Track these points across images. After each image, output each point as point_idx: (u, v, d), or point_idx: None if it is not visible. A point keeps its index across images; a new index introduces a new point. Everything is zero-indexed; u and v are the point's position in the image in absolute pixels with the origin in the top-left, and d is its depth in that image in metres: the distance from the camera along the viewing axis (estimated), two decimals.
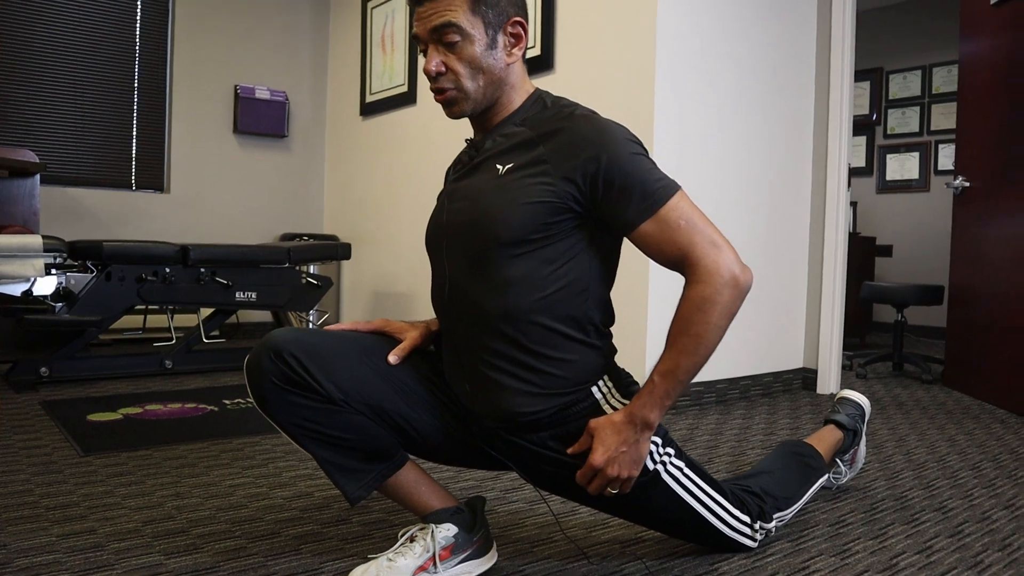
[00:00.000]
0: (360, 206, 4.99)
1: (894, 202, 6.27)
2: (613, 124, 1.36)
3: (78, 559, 1.51)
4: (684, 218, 1.31)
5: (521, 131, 1.40)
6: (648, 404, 1.32)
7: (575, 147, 1.32)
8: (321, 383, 1.35)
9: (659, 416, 1.33)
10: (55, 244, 3.30)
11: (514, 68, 1.43)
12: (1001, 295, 3.33)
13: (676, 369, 1.31)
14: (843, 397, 2.11)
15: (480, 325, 1.38)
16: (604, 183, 1.31)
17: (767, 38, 3.38)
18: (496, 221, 1.34)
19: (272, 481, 2.06)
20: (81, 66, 4.58)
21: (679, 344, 1.31)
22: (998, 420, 3.02)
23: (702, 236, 1.31)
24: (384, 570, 1.38)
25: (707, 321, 1.29)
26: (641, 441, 1.34)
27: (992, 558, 1.63)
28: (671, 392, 1.32)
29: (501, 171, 1.38)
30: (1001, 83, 3.40)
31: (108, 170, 4.71)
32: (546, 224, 1.33)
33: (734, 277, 1.29)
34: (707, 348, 1.31)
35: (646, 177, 1.32)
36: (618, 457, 1.33)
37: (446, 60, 1.37)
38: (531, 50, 3.48)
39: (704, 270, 1.29)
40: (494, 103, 1.43)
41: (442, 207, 1.49)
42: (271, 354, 1.34)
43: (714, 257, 1.29)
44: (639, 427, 1.33)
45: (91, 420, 2.67)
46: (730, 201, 3.27)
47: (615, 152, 1.32)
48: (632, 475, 1.35)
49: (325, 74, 5.44)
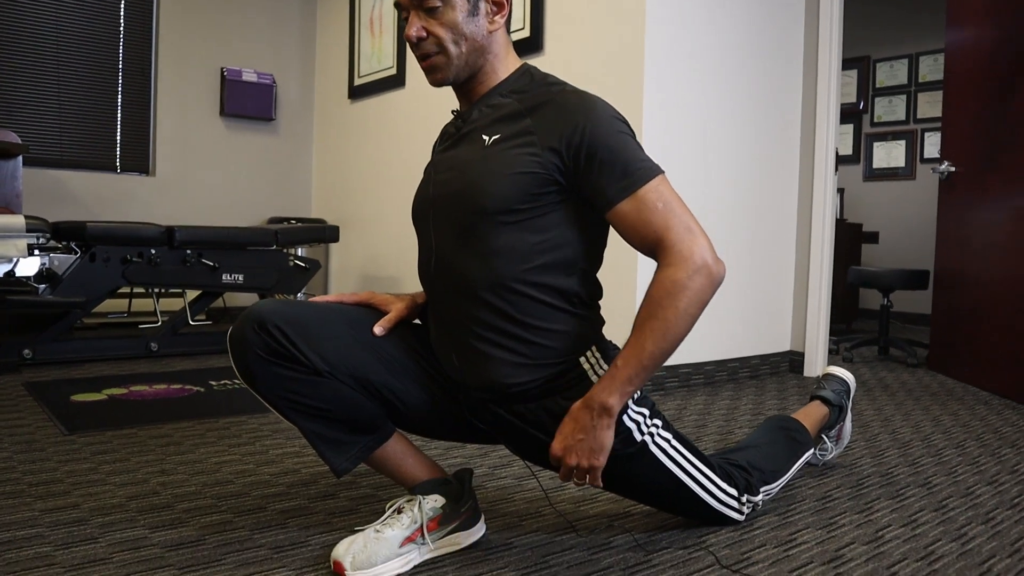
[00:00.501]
0: (348, 190, 4.96)
1: (880, 190, 6.29)
2: (601, 101, 1.36)
3: (61, 533, 1.49)
4: (663, 201, 1.30)
5: (508, 102, 1.40)
6: (608, 388, 1.28)
7: (561, 118, 1.32)
8: (306, 354, 1.34)
9: (620, 401, 1.29)
10: (38, 224, 3.27)
11: (497, 36, 1.41)
12: (986, 279, 3.36)
13: (641, 353, 1.27)
14: (828, 373, 2.12)
15: (466, 296, 1.38)
16: (587, 155, 1.30)
17: (756, 25, 3.38)
18: (482, 192, 1.33)
19: (259, 458, 2.05)
20: (64, 47, 4.52)
21: (647, 328, 1.28)
22: (982, 402, 3.05)
23: (678, 221, 1.30)
24: (372, 541, 1.37)
25: (677, 306, 1.26)
26: (599, 428, 1.29)
27: (975, 531, 1.64)
28: (634, 378, 1.28)
29: (487, 142, 1.37)
30: (986, 70, 3.41)
31: (92, 152, 4.67)
32: (532, 195, 1.33)
33: (707, 265, 1.28)
34: (675, 335, 1.28)
35: (629, 156, 1.32)
36: (575, 445, 1.30)
37: (427, 26, 1.36)
38: (520, 31, 3.47)
39: (678, 254, 1.28)
40: (477, 71, 1.42)
41: (428, 178, 1.48)
42: (255, 325, 1.33)
43: (689, 242, 1.28)
44: (596, 412, 1.29)
45: (75, 400, 2.65)
46: (718, 186, 3.27)
47: (600, 126, 1.31)
48: (594, 464, 1.30)
49: (313, 57, 5.40)
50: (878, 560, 1.47)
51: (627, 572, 1.41)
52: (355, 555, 1.34)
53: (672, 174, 3.17)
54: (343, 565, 1.33)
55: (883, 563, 1.46)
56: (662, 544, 1.53)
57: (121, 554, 1.40)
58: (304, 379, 1.35)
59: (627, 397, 1.29)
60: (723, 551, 1.50)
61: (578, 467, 1.30)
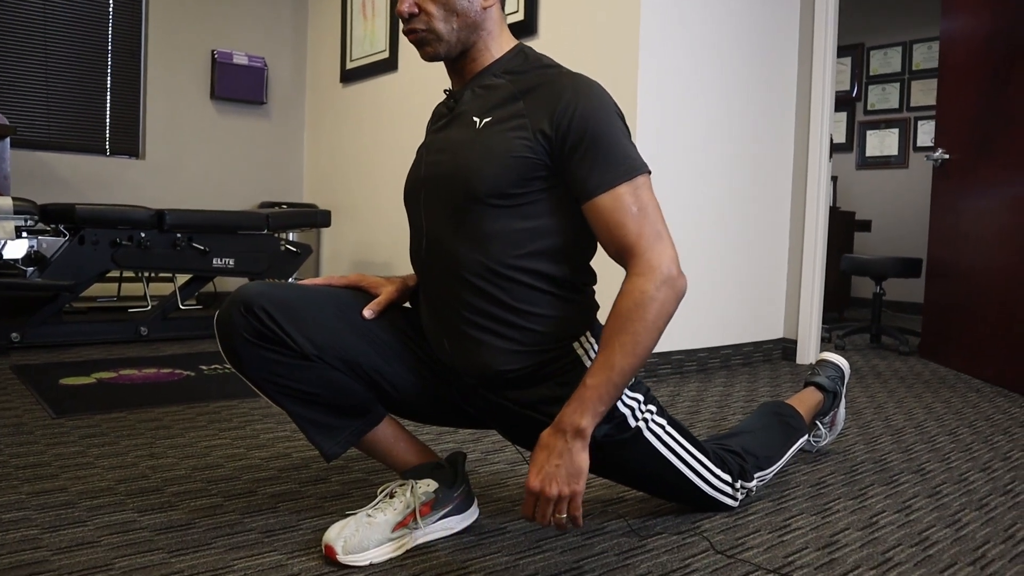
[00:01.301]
0: (340, 174, 4.93)
1: (874, 178, 6.29)
2: (598, 87, 1.33)
3: (49, 515, 1.47)
4: (639, 204, 1.27)
5: (501, 83, 1.37)
6: (579, 410, 1.22)
7: (552, 101, 1.29)
8: (293, 337, 1.32)
9: (593, 422, 1.23)
10: (26, 206, 3.23)
11: (491, 13, 1.38)
12: (978, 267, 3.36)
13: (611, 370, 1.22)
14: (823, 359, 2.11)
15: (458, 280, 1.36)
16: (573, 141, 1.27)
17: (751, 11, 3.35)
18: (473, 174, 1.31)
19: (250, 443, 2.03)
20: (53, 27, 4.46)
21: (616, 343, 1.23)
22: (974, 389, 3.05)
23: (651, 228, 1.27)
24: (364, 526, 1.36)
25: (645, 319, 1.23)
26: (574, 451, 1.21)
27: (969, 517, 1.64)
28: (604, 396, 1.23)
29: (479, 124, 1.34)
30: (981, 57, 3.40)
31: (81, 135, 4.61)
32: (523, 179, 1.30)
33: (672, 277, 1.25)
34: (644, 348, 1.24)
35: (615, 148, 1.28)
36: (553, 473, 1.21)
37: (419, 1, 1.33)
38: (515, 14, 3.43)
39: (646, 263, 1.25)
40: (470, 48, 1.39)
41: (420, 159, 1.46)
42: (241, 308, 1.31)
43: (658, 251, 1.25)
44: (570, 435, 1.22)
45: (63, 384, 2.62)
46: (713, 173, 3.26)
47: (591, 112, 1.28)
48: (575, 490, 1.21)
49: (305, 40, 5.34)
50: (873, 546, 1.47)
51: (621, 557, 1.40)
52: (347, 539, 1.32)
53: (666, 160, 3.17)
54: (335, 549, 1.31)
55: (878, 548, 1.46)
56: (656, 529, 1.52)
57: (109, 537, 1.39)
58: (292, 363, 1.33)
59: (599, 417, 1.24)
60: (717, 536, 1.50)
61: (559, 496, 1.21)
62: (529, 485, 1.22)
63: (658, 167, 3.04)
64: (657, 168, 3.02)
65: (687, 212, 3.17)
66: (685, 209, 3.16)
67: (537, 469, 1.22)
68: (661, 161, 3.04)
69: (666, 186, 3.08)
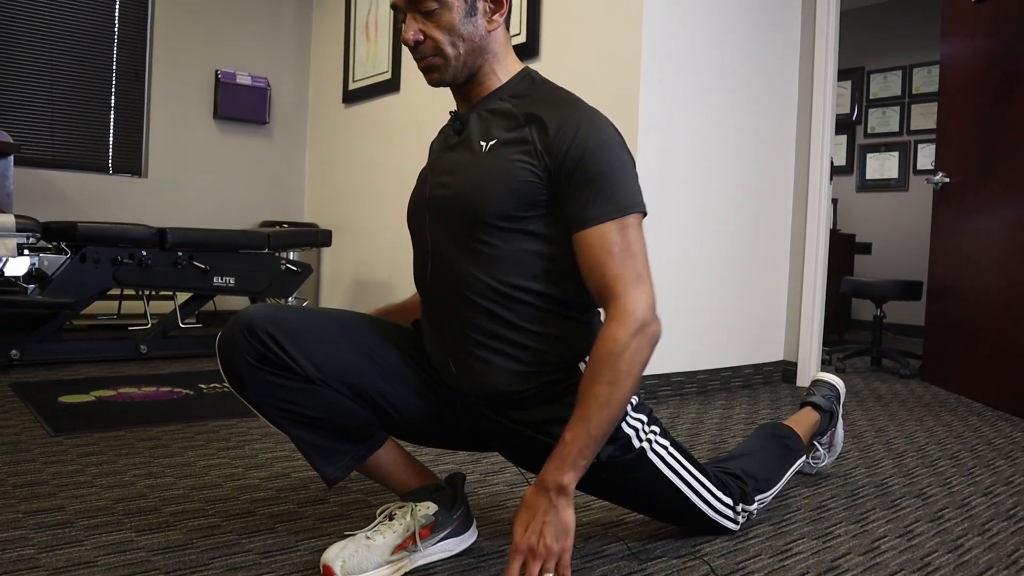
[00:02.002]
0: (342, 194, 4.94)
1: (874, 201, 6.31)
2: (600, 116, 1.32)
3: (46, 535, 1.46)
4: (624, 244, 1.25)
5: (507, 107, 1.37)
6: (560, 467, 1.21)
7: (555, 125, 1.29)
8: (298, 361, 1.31)
9: (575, 478, 1.22)
10: (28, 224, 3.24)
11: (496, 36, 1.39)
12: (979, 290, 3.36)
13: (588, 424, 1.21)
14: (818, 379, 2.11)
15: (464, 301, 1.36)
16: (569, 165, 1.26)
17: (752, 33, 3.38)
18: (479, 197, 1.31)
19: (248, 462, 2.02)
20: (58, 46, 4.50)
21: (591, 397, 1.22)
22: (975, 413, 3.04)
23: (632, 270, 1.25)
24: (363, 547, 1.35)
25: (619, 369, 1.22)
26: (560, 508, 1.21)
27: (972, 542, 1.63)
28: (585, 451, 1.22)
29: (485, 148, 1.35)
30: (980, 81, 3.42)
31: (84, 153, 4.63)
32: (527, 203, 1.31)
33: (647, 323, 1.24)
34: (620, 397, 1.23)
35: (610, 182, 1.27)
36: (541, 531, 1.20)
37: (424, 28, 1.34)
38: (517, 36, 3.46)
39: (622, 308, 1.24)
40: (477, 72, 1.39)
41: (425, 181, 1.47)
42: (245, 332, 1.30)
43: (635, 296, 1.24)
44: (553, 493, 1.21)
45: (62, 402, 2.62)
46: (714, 195, 3.27)
47: (592, 139, 1.27)
48: (565, 547, 1.21)
49: (308, 60, 5.38)
50: (875, 571, 1.46)
51: None
52: (345, 560, 1.32)
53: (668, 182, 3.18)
54: (333, 570, 1.30)
55: (880, 574, 1.44)
56: (656, 553, 1.51)
57: (106, 557, 1.38)
58: (296, 387, 1.32)
59: (581, 472, 1.22)
60: (718, 560, 1.48)
61: (548, 554, 1.19)
62: (516, 545, 1.20)
63: (660, 189, 3.05)
64: (659, 191, 3.04)
65: (689, 233, 3.17)
66: (687, 230, 3.16)
67: (523, 528, 1.21)
68: (663, 183, 3.05)
69: (667, 208, 3.08)
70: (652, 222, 3.02)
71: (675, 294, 3.13)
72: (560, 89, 1.39)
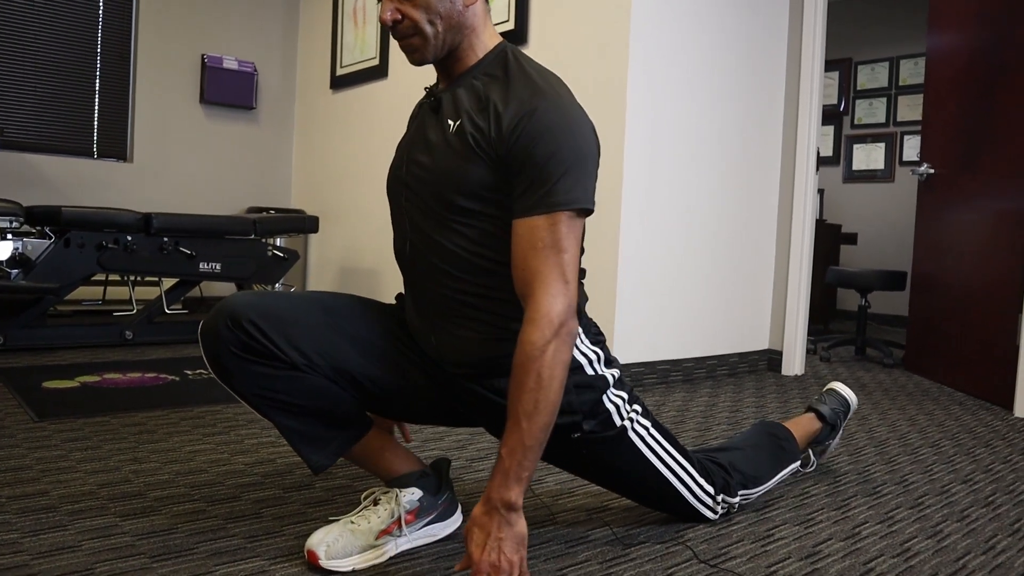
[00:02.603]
0: (329, 181, 4.92)
1: (860, 191, 6.34)
2: (570, 109, 1.28)
3: (29, 520, 1.46)
4: (552, 240, 1.21)
5: (477, 86, 1.34)
6: (504, 484, 1.18)
7: (513, 108, 1.26)
8: (282, 349, 1.31)
9: (521, 492, 1.19)
10: (11, 208, 3.21)
11: (474, 10, 1.36)
12: (961, 280, 3.39)
13: (522, 435, 1.18)
14: (832, 388, 2.04)
15: (443, 274, 1.35)
16: (518, 150, 1.23)
17: (740, 24, 3.38)
18: (447, 180, 1.31)
19: (233, 448, 2.02)
20: (42, 29, 4.44)
21: (519, 407, 1.19)
22: (957, 402, 3.07)
23: (552, 268, 1.21)
24: (347, 532, 1.35)
25: (540, 375, 1.18)
26: (512, 521, 1.18)
27: (951, 528, 1.65)
28: (524, 461, 1.18)
29: (451, 127, 1.33)
30: (965, 74, 3.44)
31: (69, 137, 4.59)
32: (492, 185, 1.29)
33: (564, 323, 1.20)
34: (548, 402, 1.20)
35: (554, 174, 1.22)
36: (498, 547, 1.17)
37: (401, 7, 1.32)
38: (505, 23, 3.45)
39: (537, 310, 1.20)
40: (456, 48, 1.37)
41: (401, 159, 1.45)
42: (228, 321, 1.30)
43: (552, 296, 1.20)
44: (503, 510, 1.18)
45: (46, 387, 2.60)
46: (701, 184, 3.28)
47: (545, 127, 1.23)
48: (522, 556, 1.19)
49: (295, 45, 5.34)
50: (855, 556, 1.48)
51: (604, 566, 1.40)
52: (330, 545, 1.32)
53: (655, 171, 3.18)
54: (317, 555, 1.31)
55: (860, 559, 1.46)
56: (640, 538, 1.53)
57: (91, 542, 1.38)
58: (281, 375, 1.32)
59: (526, 483, 1.20)
60: (701, 546, 1.50)
61: (510, 567, 1.16)
62: (477, 565, 1.16)
63: (647, 178, 3.05)
64: (645, 179, 3.04)
65: (675, 223, 3.18)
66: (673, 220, 3.17)
67: (479, 548, 1.17)
68: (649, 172, 3.06)
69: (654, 196, 3.09)
70: (640, 210, 3.03)
71: (662, 282, 3.14)
72: (533, 70, 1.34)
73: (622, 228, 2.96)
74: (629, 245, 2.98)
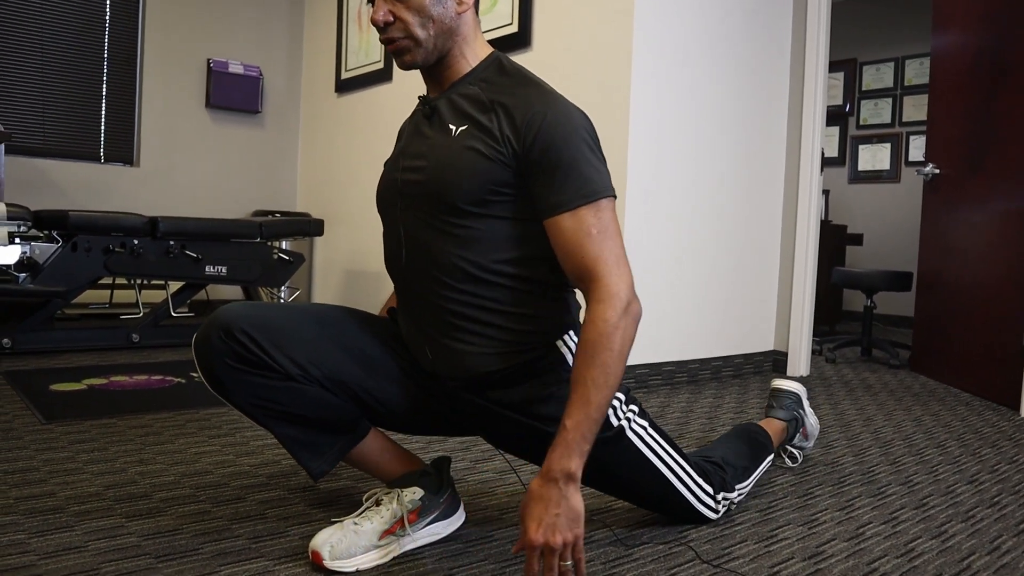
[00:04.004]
0: (334, 184, 4.94)
1: (865, 192, 6.33)
2: (570, 107, 1.32)
3: (36, 520, 1.47)
4: (600, 226, 1.25)
5: (476, 92, 1.36)
6: (565, 454, 1.19)
7: (520, 111, 1.29)
8: (277, 360, 1.31)
9: (580, 463, 1.20)
10: (19, 212, 3.23)
11: (465, 18, 1.38)
12: (968, 281, 3.38)
13: (588, 407, 1.20)
14: (775, 388, 2.13)
15: (439, 284, 1.36)
16: (537, 151, 1.26)
17: (743, 25, 3.38)
18: (450, 183, 1.31)
19: (239, 449, 2.03)
20: (50, 34, 4.47)
21: (588, 379, 1.21)
22: (963, 403, 3.07)
23: (610, 252, 1.25)
24: (351, 533, 1.36)
25: (612, 349, 1.21)
26: (570, 495, 1.19)
27: (955, 528, 1.65)
28: (587, 434, 1.20)
29: (454, 132, 1.34)
30: (970, 74, 3.43)
31: (76, 141, 4.62)
32: (499, 186, 1.30)
33: (631, 302, 1.24)
34: (615, 378, 1.23)
35: (580, 167, 1.26)
36: (555, 523, 1.17)
37: (394, 9, 1.33)
38: (508, 27, 3.46)
39: (606, 289, 1.23)
40: (446, 55, 1.38)
41: (395, 165, 1.46)
42: (221, 333, 1.30)
43: (617, 277, 1.24)
44: (562, 482, 1.18)
45: (54, 390, 2.62)
46: (706, 186, 3.28)
47: (557, 125, 1.27)
48: (578, 535, 1.19)
49: (300, 49, 5.36)
50: (859, 556, 1.48)
51: (607, 566, 1.40)
52: (333, 545, 1.33)
53: (660, 172, 3.19)
54: (321, 555, 1.31)
55: (864, 559, 1.46)
56: (643, 539, 1.53)
57: (97, 542, 1.39)
58: (276, 385, 1.33)
59: (585, 456, 1.21)
60: (704, 546, 1.50)
61: (564, 545, 1.17)
62: (531, 539, 1.16)
63: (651, 179, 3.06)
64: (650, 180, 3.05)
65: (680, 223, 3.18)
66: (678, 221, 3.17)
67: (536, 523, 1.17)
68: (654, 174, 3.06)
69: (659, 197, 3.09)
70: (644, 211, 3.04)
71: (667, 283, 3.15)
72: (528, 75, 1.38)
73: (626, 229, 2.96)
74: (633, 246, 2.99)
